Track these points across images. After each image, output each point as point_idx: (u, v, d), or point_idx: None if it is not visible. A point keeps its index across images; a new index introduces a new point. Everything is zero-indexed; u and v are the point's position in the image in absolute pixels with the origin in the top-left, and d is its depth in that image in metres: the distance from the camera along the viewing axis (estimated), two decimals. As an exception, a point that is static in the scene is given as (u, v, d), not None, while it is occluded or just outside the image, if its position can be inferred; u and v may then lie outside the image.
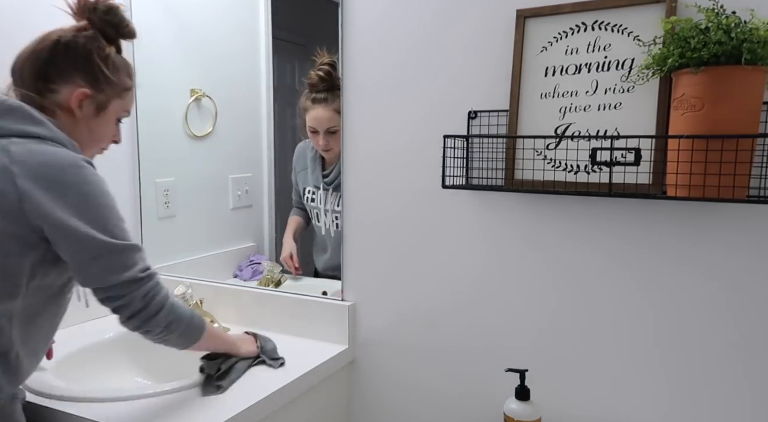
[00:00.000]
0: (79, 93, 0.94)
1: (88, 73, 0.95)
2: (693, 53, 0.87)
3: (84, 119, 0.96)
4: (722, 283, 1.01)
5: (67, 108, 0.94)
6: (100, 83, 0.96)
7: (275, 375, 1.18)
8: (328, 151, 1.51)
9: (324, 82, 1.46)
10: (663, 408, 1.08)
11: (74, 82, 0.94)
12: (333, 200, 1.52)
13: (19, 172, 0.83)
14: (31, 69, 0.93)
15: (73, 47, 0.94)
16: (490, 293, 1.21)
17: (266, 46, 1.57)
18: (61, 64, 0.93)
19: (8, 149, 0.85)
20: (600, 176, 1.04)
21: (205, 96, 1.64)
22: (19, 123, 0.87)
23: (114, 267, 0.89)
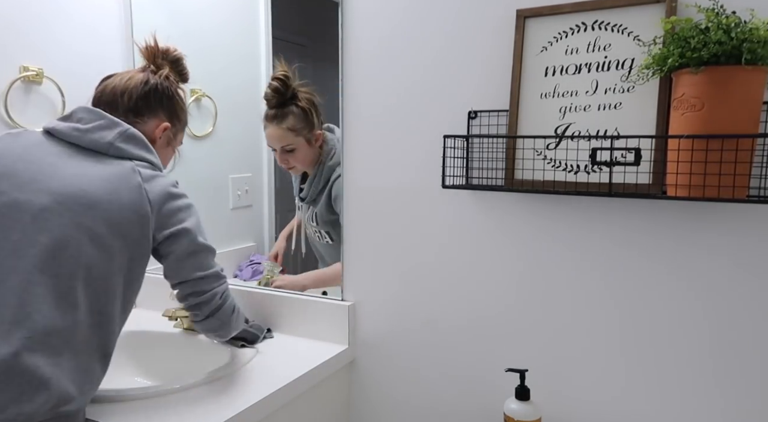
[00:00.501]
0: (163, 126, 1.15)
1: (170, 110, 1.17)
2: (693, 53, 0.87)
3: (160, 146, 1.16)
4: (722, 283, 1.01)
5: (150, 137, 1.12)
6: (175, 119, 1.19)
7: (275, 375, 1.18)
8: (291, 169, 1.47)
9: (275, 98, 1.40)
10: (663, 407, 1.08)
11: (159, 116, 1.15)
12: (309, 215, 1.48)
13: (150, 189, 1.02)
14: (125, 103, 1.11)
15: (161, 89, 1.15)
16: (490, 293, 1.21)
17: (266, 46, 1.57)
18: (152, 102, 1.14)
19: (139, 170, 1.02)
20: (600, 176, 1.04)
21: (205, 96, 1.64)
22: (140, 150, 1.06)
23: (204, 264, 1.09)
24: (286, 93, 1.39)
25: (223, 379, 1.17)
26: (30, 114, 1.41)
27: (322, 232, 1.48)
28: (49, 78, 1.44)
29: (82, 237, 0.93)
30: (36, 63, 1.42)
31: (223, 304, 1.12)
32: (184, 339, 1.42)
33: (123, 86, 1.12)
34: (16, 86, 1.38)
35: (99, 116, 1.04)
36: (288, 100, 1.39)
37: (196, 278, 1.08)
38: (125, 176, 1.00)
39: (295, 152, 1.42)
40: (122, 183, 0.99)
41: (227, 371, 1.20)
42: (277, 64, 1.41)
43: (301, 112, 1.40)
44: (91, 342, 0.94)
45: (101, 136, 1.02)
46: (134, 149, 1.05)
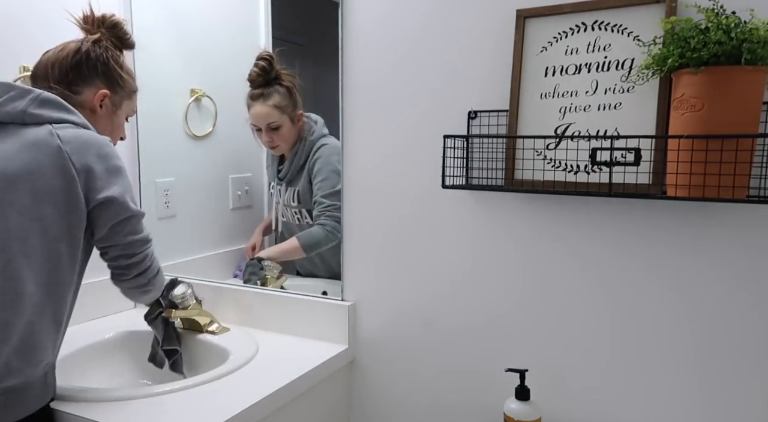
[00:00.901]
0: (100, 93, 1.11)
1: (108, 77, 1.13)
2: (693, 53, 0.87)
3: (102, 116, 1.13)
4: (722, 283, 1.01)
5: (89, 107, 1.11)
6: (116, 86, 1.14)
7: (275, 375, 1.18)
8: (274, 148, 1.50)
9: (260, 78, 1.45)
10: (663, 407, 1.08)
11: (95, 84, 1.12)
12: (288, 196, 1.52)
13: (71, 150, 0.98)
14: (57, 74, 1.08)
15: (94, 56, 1.11)
16: (490, 293, 1.21)
17: (266, 46, 1.57)
18: (83, 69, 1.10)
19: (56, 132, 0.98)
20: (600, 176, 1.04)
21: (205, 96, 1.64)
22: (58, 112, 1.02)
23: (135, 229, 1.08)
24: (270, 72, 1.44)
25: (223, 379, 1.17)
26: (30, 114, 1.41)
27: (303, 212, 1.50)
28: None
29: (10, 212, 0.93)
30: (36, 63, 1.42)
31: (151, 265, 1.12)
32: (184, 338, 1.42)
33: (54, 58, 1.09)
34: (16, 86, 1.38)
35: (9, 87, 1.01)
36: (272, 80, 1.44)
37: (127, 242, 1.07)
38: (43, 141, 0.97)
39: (279, 129, 1.47)
40: (40, 150, 0.96)
41: (227, 371, 1.20)
42: (259, 49, 1.45)
43: (285, 91, 1.46)
44: (43, 313, 0.96)
45: (13, 106, 0.99)
46: (51, 112, 1.01)
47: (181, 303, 1.38)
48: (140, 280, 1.11)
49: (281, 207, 1.55)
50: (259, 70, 1.44)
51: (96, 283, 1.53)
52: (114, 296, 1.57)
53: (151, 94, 1.61)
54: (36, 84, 1.09)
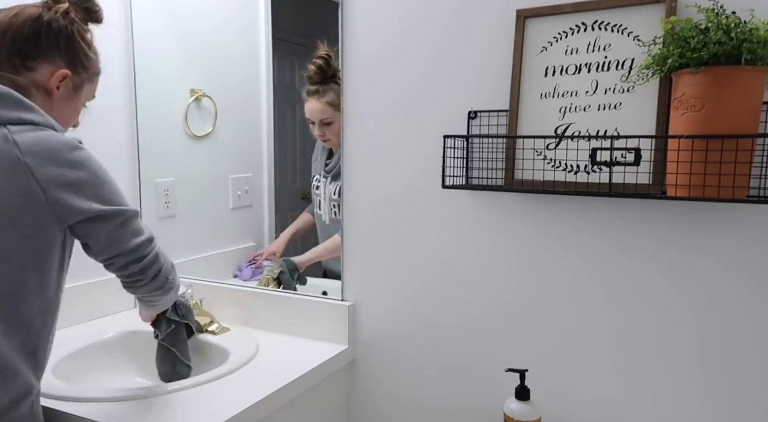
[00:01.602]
0: (60, 73, 0.93)
1: (70, 55, 0.95)
2: (693, 53, 0.87)
3: (59, 99, 0.95)
4: (722, 282, 1.01)
5: (44, 87, 0.93)
6: (79, 66, 0.96)
7: (275, 375, 1.18)
8: (326, 141, 1.54)
9: (317, 75, 1.48)
10: (662, 407, 1.08)
11: (54, 62, 0.93)
12: (332, 189, 1.54)
13: (33, 162, 0.83)
14: (8, 45, 0.90)
15: (56, 27, 0.93)
16: (490, 293, 1.21)
17: (266, 46, 1.57)
18: (43, 43, 0.92)
19: (13, 138, 0.83)
20: (600, 176, 1.04)
21: (205, 96, 1.64)
22: (13, 110, 0.85)
23: (135, 230, 0.94)
24: (327, 71, 1.46)
25: (223, 379, 1.17)
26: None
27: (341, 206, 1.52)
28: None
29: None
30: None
31: (164, 262, 0.99)
32: (184, 339, 1.42)
33: (7, 24, 0.90)
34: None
35: None
36: (328, 78, 1.47)
37: (131, 247, 0.93)
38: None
39: (332, 125, 1.50)
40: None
41: (227, 371, 1.20)
42: (320, 45, 1.47)
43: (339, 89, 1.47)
44: (11, 346, 0.86)
45: None
46: (4, 111, 0.84)
47: None
48: (159, 281, 0.98)
49: (322, 201, 1.58)
50: (316, 68, 1.48)
51: (96, 283, 1.53)
52: (114, 297, 1.58)
53: (151, 94, 1.62)
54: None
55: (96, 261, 0.96)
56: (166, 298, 1.04)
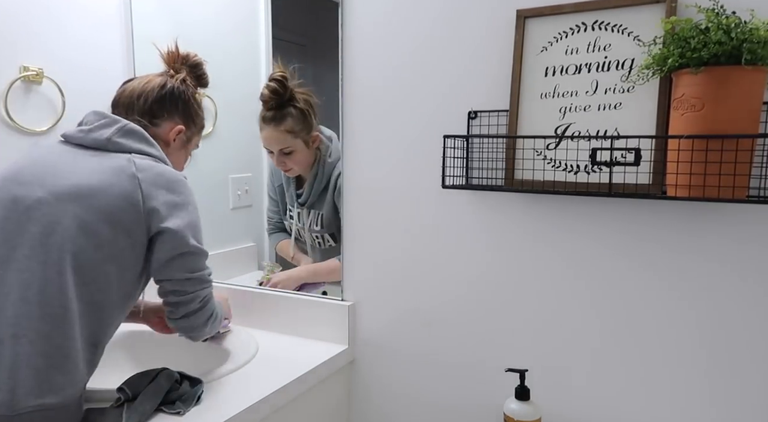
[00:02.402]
0: (177, 129, 1.18)
1: (185, 114, 1.20)
2: (693, 53, 0.87)
3: (174, 149, 1.19)
4: (723, 282, 1.01)
5: (164, 139, 1.16)
6: (191, 122, 1.21)
7: (275, 375, 1.18)
8: (287, 171, 1.43)
9: (273, 100, 1.37)
10: (663, 407, 1.08)
11: (174, 119, 1.18)
12: (311, 221, 1.44)
13: (143, 178, 1.01)
14: (142, 105, 1.14)
15: (177, 93, 1.18)
16: (490, 293, 1.21)
17: (266, 46, 1.57)
18: (167, 105, 1.17)
19: (134, 160, 1.03)
20: (600, 176, 1.04)
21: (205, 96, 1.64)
22: (139, 143, 1.07)
23: (193, 266, 1.07)
24: (284, 94, 1.36)
25: (223, 379, 1.17)
26: (30, 114, 1.41)
27: (325, 236, 1.46)
28: (49, 78, 1.44)
29: (70, 224, 0.94)
30: (36, 63, 1.42)
31: (200, 308, 1.09)
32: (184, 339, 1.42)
33: (140, 89, 1.15)
34: (16, 86, 1.37)
35: (102, 116, 1.07)
36: (286, 102, 1.37)
37: (181, 278, 1.06)
38: (120, 166, 1.01)
39: (293, 154, 1.40)
40: (116, 173, 1.00)
41: (227, 371, 1.20)
42: (275, 65, 1.38)
43: (299, 113, 1.38)
44: (82, 332, 0.95)
45: (101, 134, 1.05)
46: (133, 143, 1.06)
47: None
48: (186, 322, 1.09)
49: (304, 232, 1.48)
50: (270, 93, 1.37)
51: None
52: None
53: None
54: (116, 110, 1.14)
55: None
56: (191, 337, 1.16)
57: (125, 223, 0.99)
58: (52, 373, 0.89)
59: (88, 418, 1.00)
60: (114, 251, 0.98)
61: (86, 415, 1.00)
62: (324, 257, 1.49)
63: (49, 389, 0.89)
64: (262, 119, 1.42)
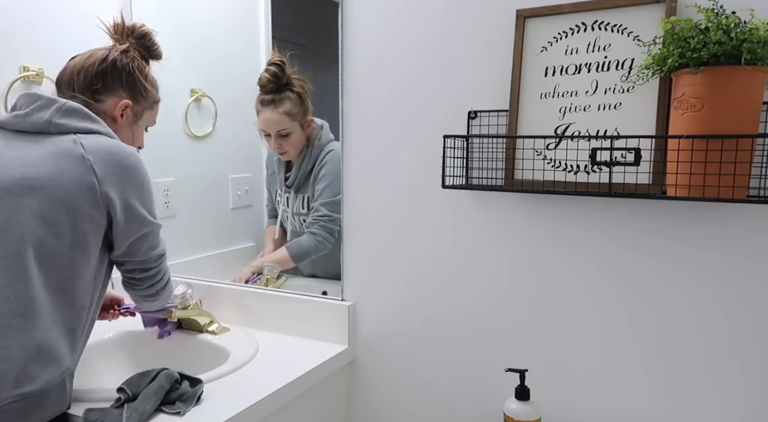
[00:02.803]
0: (122, 103, 1.13)
1: (131, 87, 1.14)
2: (693, 53, 0.87)
3: (123, 125, 1.14)
4: (722, 283, 1.01)
5: (111, 115, 1.12)
6: (139, 96, 1.16)
7: (275, 375, 1.18)
8: (283, 153, 1.48)
9: (272, 83, 1.42)
10: (663, 407, 1.08)
11: (118, 94, 1.13)
12: (297, 204, 1.49)
13: (94, 159, 0.98)
14: (82, 81, 1.09)
15: (120, 65, 1.13)
16: (490, 293, 1.21)
17: (266, 45, 1.57)
18: (109, 79, 1.11)
19: (80, 141, 0.99)
20: (600, 176, 1.04)
21: (205, 96, 1.64)
22: (82, 121, 1.03)
23: (153, 243, 1.10)
24: (282, 78, 1.41)
25: (223, 379, 1.17)
26: (30, 114, 1.41)
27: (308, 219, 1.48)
28: (49, 78, 1.44)
29: (27, 217, 0.93)
30: (36, 63, 1.42)
31: (162, 277, 1.16)
32: (184, 338, 1.42)
33: (81, 65, 1.11)
34: (16, 86, 1.38)
35: (36, 97, 1.03)
36: (283, 86, 1.41)
37: (145, 258, 1.09)
38: (66, 150, 0.98)
39: (289, 136, 1.44)
40: (63, 158, 0.97)
41: (227, 371, 1.20)
42: (273, 51, 1.42)
43: (296, 97, 1.43)
44: (55, 320, 0.95)
45: (39, 116, 1.01)
46: (76, 122, 1.02)
47: (181, 303, 1.37)
48: (150, 290, 1.16)
49: (289, 216, 1.53)
50: (270, 76, 1.42)
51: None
52: (114, 296, 1.58)
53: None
54: (60, 90, 1.10)
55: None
56: (149, 305, 1.22)
57: (84, 208, 0.97)
58: (29, 364, 0.90)
59: (88, 418, 1.00)
60: (77, 237, 0.97)
61: (86, 415, 1.01)
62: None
63: (27, 379, 0.90)
64: (261, 102, 1.46)
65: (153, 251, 1.11)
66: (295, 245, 1.50)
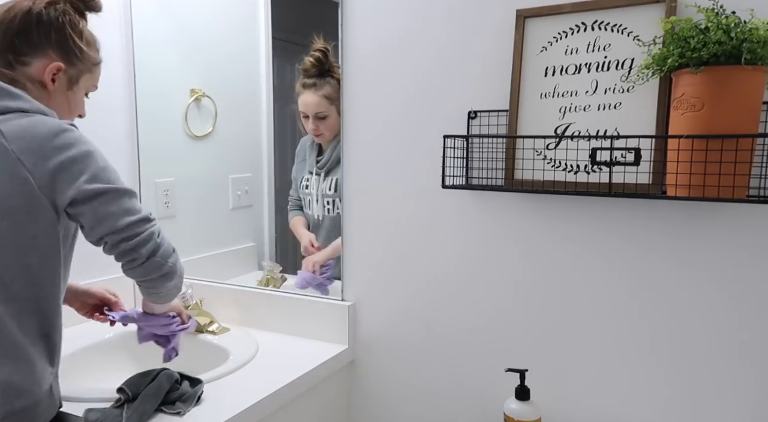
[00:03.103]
0: (53, 66, 0.93)
1: (62, 47, 0.94)
2: (693, 53, 0.87)
3: (55, 92, 0.95)
4: (722, 283, 1.01)
5: (39, 81, 0.93)
6: (73, 57, 0.95)
7: (275, 375, 1.18)
8: (319, 135, 1.53)
9: (315, 68, 1.46)
10: (663, 407, 1.08)
11: (47, 55, 0.93)
12: (325, 185, 1.53)
13: (19, 148, 0.83)
14: (1, 40, 0.91)
15: (46, 20, 0.92)
16: (490, 293, 1.21)
17: (266, 46, 1.57)
18: (34, 37, 0.91)
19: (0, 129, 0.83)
20: (600, 176, 1.04)
21: (205, 96, 1.64)
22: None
23: (128, 208, 0.90)
24: (325, 64, 1.45)
25: (223, 379, 1.17)
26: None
27: (336, 201, 1.51)
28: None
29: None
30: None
31: (161, 243, 0.93)
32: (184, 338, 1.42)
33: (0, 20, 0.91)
34: (16, 86, 1.37)
35: None
36: (325, 72, 1.45)
37: (123, 225, 0.89)
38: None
39: (326, 119, 1.48)
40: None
41: (227, 371, 1.20)
42: (317, 40, 1.47)
43: (336, 83, 1.47)
44: (27, 329, 0.88)
45: None
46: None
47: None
48: (155, 262, 0.92)
49: (313, 199, 1.57)
50: (314, 61, 1.46)
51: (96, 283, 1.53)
52: (114, 297, 1.58)
53: (151, 94, 1.62)
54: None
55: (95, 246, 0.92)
56: (168, 284, 0.98)
57: (22, 208, 0.83)
58: (12, 379, 0.85)
59: (89, 418, 1.00)
60: (24, 241, 0.85)
61: (86, 415, 1.01)
62: (332, 223, 1.52)
63: (14, 394, 0.85)
64: (302, 85, 1.51)
65: (131, 217, 0.90)
66: None
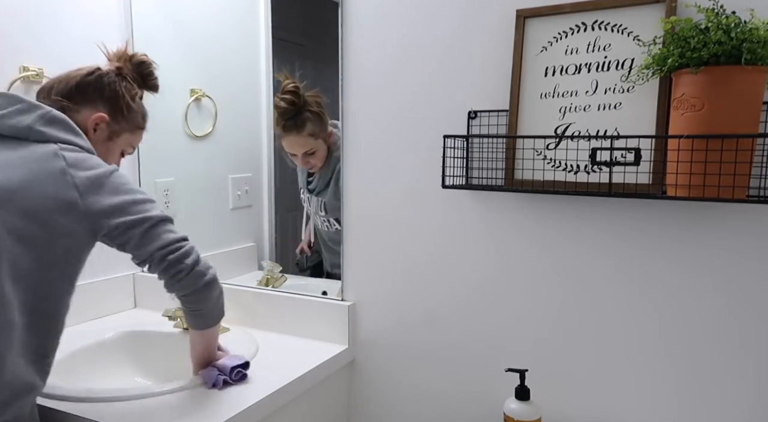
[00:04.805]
0: (97, 116, 1.06)
1: (111, 103, 1.08)
2: (693, 53, 0.87)
3: (96, 140, 1.06)
4: (722, 283, 1.01)
5: (83, 127, 1.03)
6: (118, 114, 1.09)
7: (275, 375, 1.18)
8: (312, 167, 1.52)
9: (291, 110, 1.44)
10: (663, 408, 1.08)
11: (96, 106, 1.06)
12: (317, 206, 1.52)
13: (77, 175, 0.93)
14: (60, 89, 1.04)
15: (104, 79, 1.07)
16: (490, 293, 1.21)
17: (266, 45, 1.57)
18: (89, 89, 1.06)
19: (63, 154, 0.94)
20: (600, 176, 1.04)
21: (205, 96, 1.64)
22: (65, 133, 0.97)
23: (169, 230, 1.01)
24: (299, 102, 1.44)
25: (223, 379, 1.17)
26: (30, 114, 1.41)
27: (331, 220, 1.51)
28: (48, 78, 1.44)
29: (0, 231, 0.85)
30: (36, 63, 1.42)
31: (200, 257, 1.04)
32: (184, 339, 1.42)
33: (66, 74, 1.06)
34: (16, 86, 1.37)
35: (17, 100, 0.96)
36: (301, 108, 1.44)
37: (167, 240, 0.99)
38: (45, 161, 0.92)
39: (315, 153, 1.48)
40: (41, 169, 0.91)
41: (227, 371, 1.20)
42: (282, 76, 1.45)
43: (315, 116, 1.45)
44: (29, 345, 0.89)
45: (19, 120, 0.94)
46: (58, 133, 0.96)
47: None
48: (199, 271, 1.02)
49: (312, 214, 1.57)
50: (287, 105, 1.45)
51: (96, 283, 1.54)
52: (114, 297, 1.58)
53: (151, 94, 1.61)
54: (38, 96, 1.05)
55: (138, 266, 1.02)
56: (212, 296, 1.06)
57: (62, 224, 0.91)
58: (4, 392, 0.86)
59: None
60: (56, 255, 0.91)
61: None
62: (333, 238, 1.52)
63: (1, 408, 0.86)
64: (283, 128, 1.49)
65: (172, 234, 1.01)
66: None
